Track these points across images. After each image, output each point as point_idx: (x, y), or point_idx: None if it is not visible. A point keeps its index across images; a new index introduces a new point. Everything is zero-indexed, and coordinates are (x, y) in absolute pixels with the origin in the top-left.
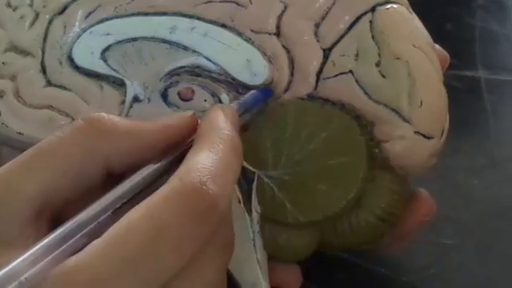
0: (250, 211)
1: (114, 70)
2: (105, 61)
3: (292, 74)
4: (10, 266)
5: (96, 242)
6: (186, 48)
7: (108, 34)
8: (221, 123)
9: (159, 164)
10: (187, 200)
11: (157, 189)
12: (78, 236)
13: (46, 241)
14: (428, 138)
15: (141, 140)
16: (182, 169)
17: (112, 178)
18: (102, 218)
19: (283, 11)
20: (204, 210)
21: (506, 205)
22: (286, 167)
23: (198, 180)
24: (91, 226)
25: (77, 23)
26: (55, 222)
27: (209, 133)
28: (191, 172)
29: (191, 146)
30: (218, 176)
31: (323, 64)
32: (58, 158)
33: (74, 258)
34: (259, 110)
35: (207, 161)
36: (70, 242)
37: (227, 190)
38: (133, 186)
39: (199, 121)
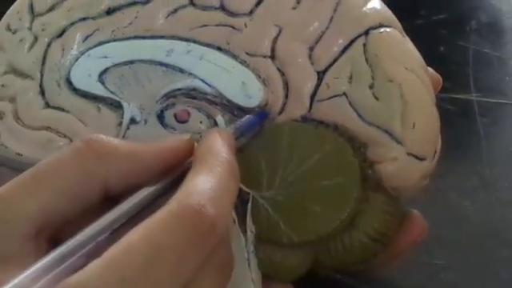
0: (244, 231)
1: (112, 92)
2: (102, 83)
3: (286, 96)
4: (10, 285)
5: (96, 262)
6: (182, 71)
7: (105, 57)
8: (218, 147)
9: (156, 186)
10: (186, 222)
11: (154, 211)
12: (76, 256)
13: (45, 260)
14: (420, 159)
15: (138, 162)
16: (181, 192)
17: (110, 199)
18: (100, 238)
19: (278, 34)
20: (202, 232)
21: (498, 226)
22: (280, 188)
23: (197, 203)
24: (90, 246)
25: (75, 46)
26: (54, 242)
27: (207, 156)
28: (190, 195)
29: (188, 168)
30: (216, 199)
31: (317, 86)
32: (57, 178)
33: (74, 277)
34: (255, 133)
35: (205, 184)
36: (69, 261)
37: (225, 213)
38: (130, 207)
39: (195, 144)
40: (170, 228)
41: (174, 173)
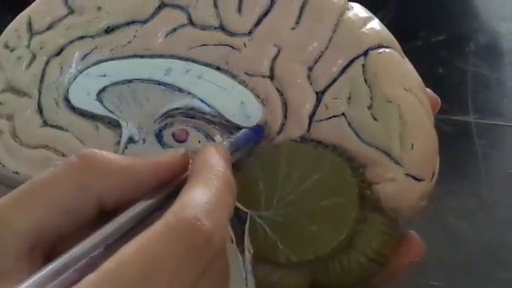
0: (242, 251)
1: (110, 110)
2: (100, 102)
3: (285, 116)
4: None
5: (90, 277)
6: (180, 90)
7: (104, 76)
8: (214, 160)
9: (151, 200)
10: (181, 235)
11: (149, 225)
12: (70, 271)
13: (38, 275)
14: (419, 180)
15: (133, 177)
16: (177, 205)
17: (105, 214)
18: (94, 253)
19: (277, 54)
20: (198, 246)
21: (496, 248)
22: (278, 208)
23: (193, 216)
24: (84, 261)
25: (73, 64)
26: (49, 257)
27: (203, 170)
28: (186, 208)
29: (183, 182)
30: (213, 212)
31: (316, 107)
32: (51, 193)
33: None
34: (250, 148)
35: (202, 197)
36: (63, 276)
37: (221, 226)
38: (125, 222)
39: (190, 159)
40: (166, 241)
41: (169, 187)
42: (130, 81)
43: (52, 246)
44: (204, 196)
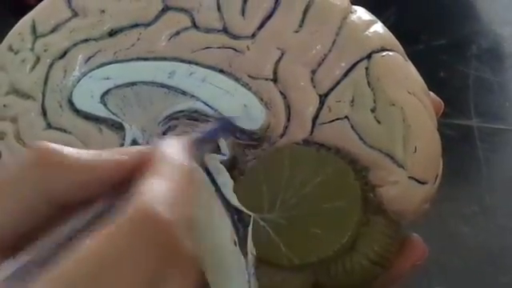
0: (245, 254)
1: (113, 113)
2: (104, 104)
3: (288, 119)
4: None
5: (46, 275)
6: (184, 93)
7: (107, 78)
8: (172, 151)
9: (112, 196)
10: (140, 227)
11: (109, 220)
12: (30, 269)
13: None
14: (422, 183)
15: (94, 173)
16: (135, 197)
17: (65, 210)
18: (55, 249)
19: (280, 57)
20: (157, 237)
21: (496, 252)
22: (281, 211)
23: (150, 207)
24: (41, 260)
25: (77, 67)
26: (9, 256)
27: (160, 161)
28: (144, 199)
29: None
30: (172, 204)
31: (319, 110)
32: (5, 193)
33: None
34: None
35: (159, 188)
36: (19, 276)
37: (181, 215)
38: (84, 218)
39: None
40: (124, 233)
41: (131, 182)
42: (133, 83)
43: (13, 246)
44: (163, 188)
